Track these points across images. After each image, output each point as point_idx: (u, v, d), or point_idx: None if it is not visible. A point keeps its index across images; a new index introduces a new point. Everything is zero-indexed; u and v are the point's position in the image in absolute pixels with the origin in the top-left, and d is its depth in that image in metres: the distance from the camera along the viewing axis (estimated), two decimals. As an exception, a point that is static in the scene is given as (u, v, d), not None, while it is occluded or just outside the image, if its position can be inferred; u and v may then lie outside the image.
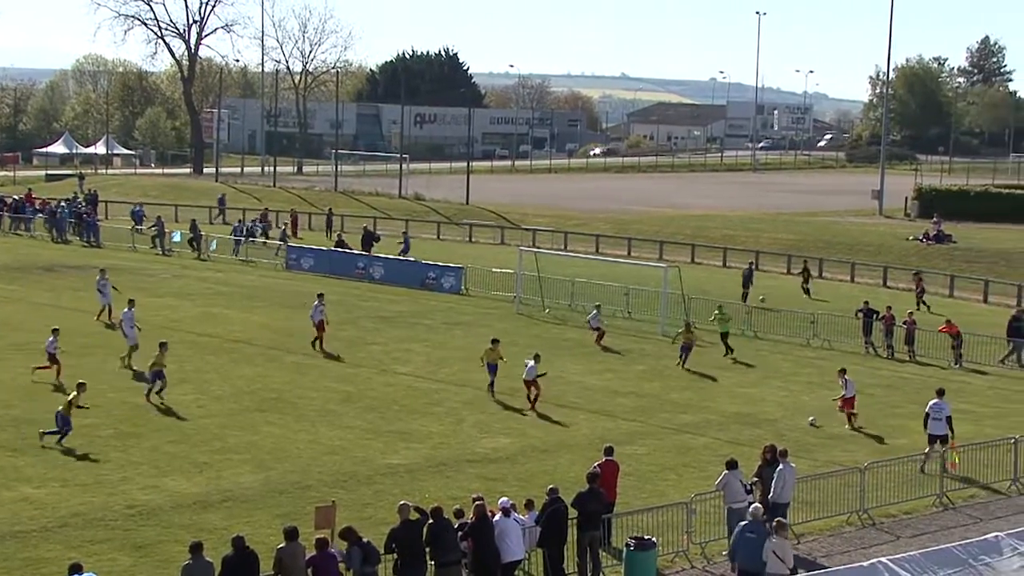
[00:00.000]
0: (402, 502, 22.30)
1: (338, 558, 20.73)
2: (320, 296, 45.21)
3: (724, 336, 45.93)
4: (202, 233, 70.96)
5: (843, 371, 36.63)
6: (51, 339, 37.98)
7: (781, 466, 25.63)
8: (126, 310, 41.25)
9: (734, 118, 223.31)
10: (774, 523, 22.52)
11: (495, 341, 38.86)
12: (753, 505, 23.39)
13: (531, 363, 36.70)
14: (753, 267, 60.99)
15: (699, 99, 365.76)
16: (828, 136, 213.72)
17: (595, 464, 25.59)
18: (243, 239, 70.32)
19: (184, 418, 33.77)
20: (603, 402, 37.64)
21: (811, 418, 35.68)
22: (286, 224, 79.95)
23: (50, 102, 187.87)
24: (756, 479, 26.03)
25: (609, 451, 26.28)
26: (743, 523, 22.76)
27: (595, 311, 47.52)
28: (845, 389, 35.87)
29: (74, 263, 64.51)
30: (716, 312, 46.90)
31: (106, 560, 23.16)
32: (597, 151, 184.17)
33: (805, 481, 27.33)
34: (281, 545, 20.42)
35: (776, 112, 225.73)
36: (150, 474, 28.75)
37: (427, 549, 21.43)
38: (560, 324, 50.91)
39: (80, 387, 32.29)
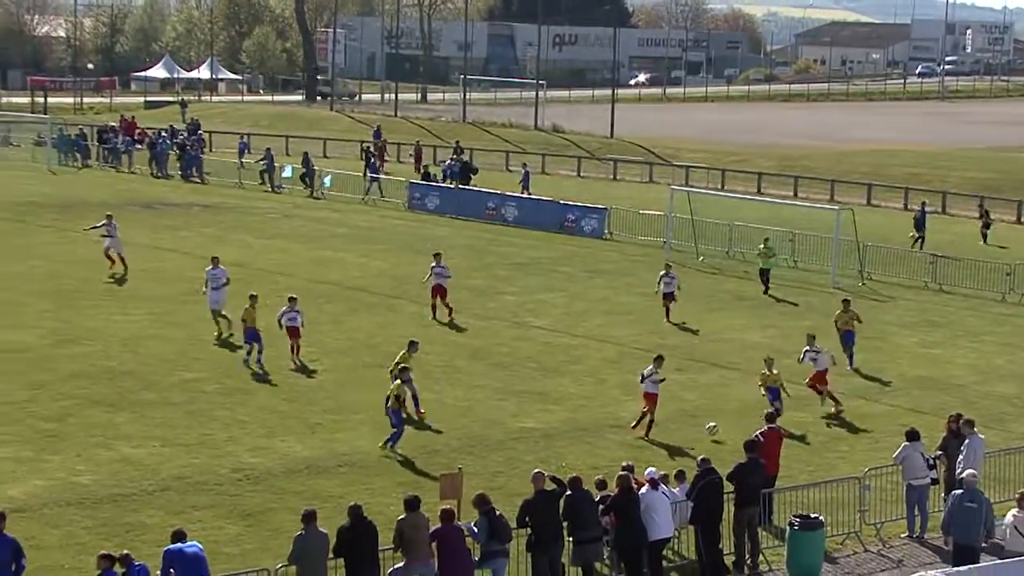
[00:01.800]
0: (537, 470, 22.43)
1: (465, 532, 20.94)
2: (437, 256, 42.01)
3: (764, 273, 46.86)
4: (315, 168, 71.69)
5: (812, 337, 33.49)
6: (285, 308, 35.39)
7: (969, 439, 25.29)
8: (210, 267, 38.79)
9: (919, 39, 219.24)
10: (1017, 495, 22.34)
11: (769, 361, 31.99)
12: (968, 471, 23.14)
13: (650, 368, 30.81)
14: (926, 208, 59.95)
15: (878, 17, 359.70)
16: (951, 58, 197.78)
17: (757, 432, 25.53)
18: (378, 177, 70.18)
19: (296, 373, 34.29)
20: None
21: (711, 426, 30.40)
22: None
23: (149, 20, 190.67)
24: (940, 452, 25.76)
25: (771, 418, 26.19)
26: (959, 492, 22.55)
27: (664, 273, 42.73)
28: (815, 362, 32.78)
29: (175, 200, 65.78)
30: (761, 246, 47.53)
31: (211, 528, 23.73)
32: (641, 78, 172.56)
33: (996, 456, 26.94)
34: (402, 516, 20.67)
35: (969, 32, 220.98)
36: (259, 435, 29.30)
37: (564, 523, 21.57)
38: (716, 273, 50.60)
39: (403, 376, 29.50)
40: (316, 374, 34.40)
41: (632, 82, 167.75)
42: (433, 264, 41.43)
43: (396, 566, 20.59)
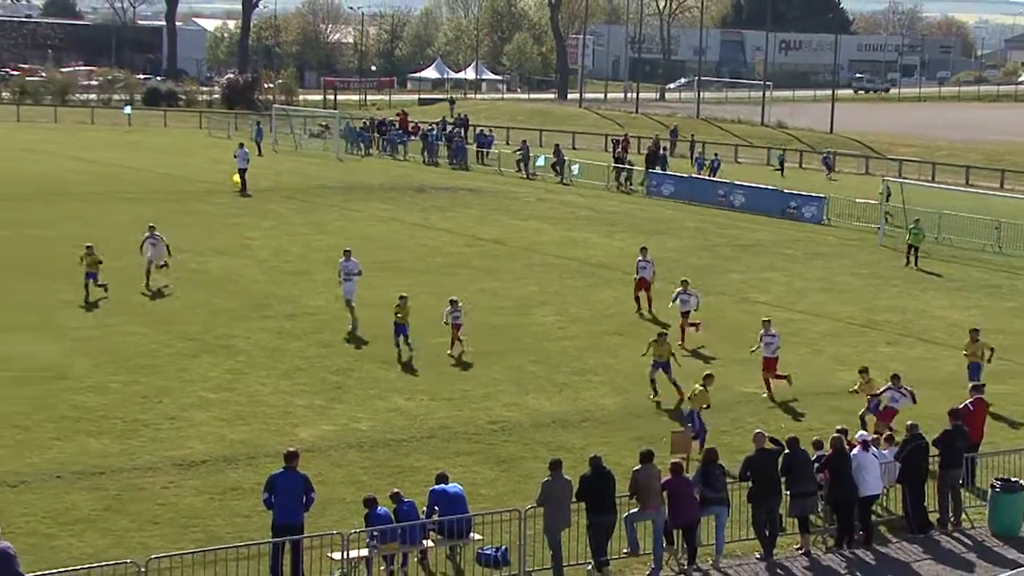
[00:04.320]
0: (757, 431, 22.20)
1: (693, 484, 20.83)
2: (643, 250, 38.63)
3: (912, 248, 47.00)
4: (565, 158, 72.05)
5: (767, 322, 30.91)
6: (448, 309, 32.61)
7: None
8: (343, 259, 35.75)
9: None
10: None
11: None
12: None
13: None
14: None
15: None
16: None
17: (965, 402, 24.79)
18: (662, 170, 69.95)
19: (544, 339, 34.48)
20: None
21: None
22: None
23: (424, 28, 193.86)
24: None
25: (978, 388, 25.37)
26: None
27: (681, 289, 34.83)
28: (762, 346, 30.31)
29: (443, 184, 66.76)
30: (912, 226, 47.72)
31: (470, 472, 24.03)
32: (681, 82, 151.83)
33: None
34: (637, 467, 20.65)
35: None
36: (512, 392, 29.56)
37: (783, 479, 21.30)
38: (924, 257, 49.08)
39: (708, 381, 26.51)
40: (562, 340, 34.51)
41: (672, 86, 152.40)
42: (639, 258, 38.18)
43: (631, 511, 20.59)
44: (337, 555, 19.19)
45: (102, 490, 22.52)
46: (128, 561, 18.24)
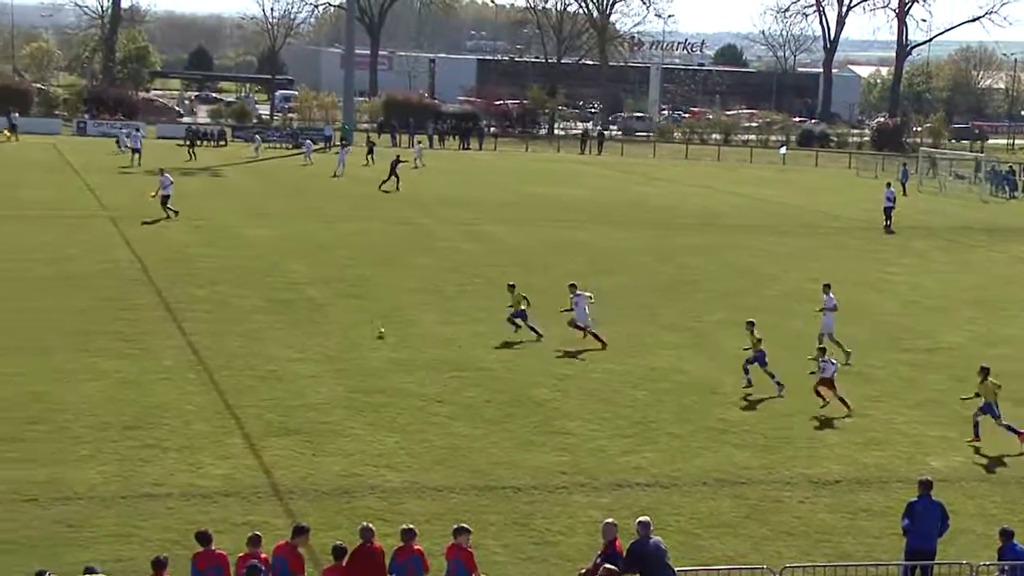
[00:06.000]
0: None
1: None
2: None
3: None
4: None
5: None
6: (823, 360, 28.83)
7: None
8: (826, 295, 33.39)
9: None
10: None
11: None
12: None
13: None
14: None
15: None
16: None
17: None
18: None
19: None
20: None
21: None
22: None
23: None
24: None
25: None
26: None
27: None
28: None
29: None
30: None
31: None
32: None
33: None
34: None
35: None
36: None
37: None
38: None
39: None
40: None
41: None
42: None
43: None
44: (964, 586, 18.35)
45: (743, 499, 22.82)
46: (764, 567, 18.37)
